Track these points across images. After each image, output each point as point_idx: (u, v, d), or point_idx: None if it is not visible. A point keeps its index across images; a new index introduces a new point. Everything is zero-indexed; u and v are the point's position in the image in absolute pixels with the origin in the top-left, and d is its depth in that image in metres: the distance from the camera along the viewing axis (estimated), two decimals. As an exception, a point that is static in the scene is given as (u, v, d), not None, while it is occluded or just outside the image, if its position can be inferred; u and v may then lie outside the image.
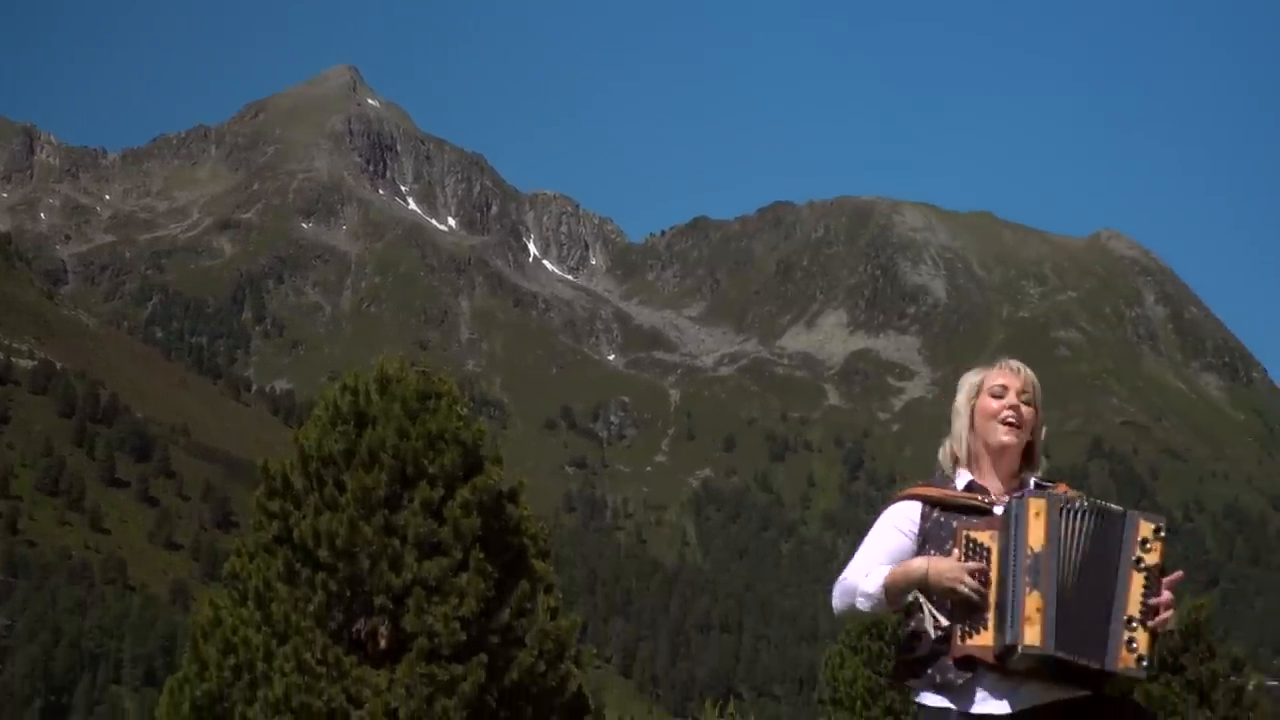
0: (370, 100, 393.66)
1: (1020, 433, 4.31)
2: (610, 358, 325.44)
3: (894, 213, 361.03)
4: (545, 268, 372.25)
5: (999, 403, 4.31)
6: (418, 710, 12.34)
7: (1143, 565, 4.04)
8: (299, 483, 13.12)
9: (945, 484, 4.36)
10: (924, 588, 4.15)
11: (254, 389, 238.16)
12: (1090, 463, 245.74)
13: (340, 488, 12.97)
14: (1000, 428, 4.30)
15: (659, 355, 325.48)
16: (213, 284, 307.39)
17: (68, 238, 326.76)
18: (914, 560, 4.19)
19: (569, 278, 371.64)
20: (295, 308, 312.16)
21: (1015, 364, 4.39)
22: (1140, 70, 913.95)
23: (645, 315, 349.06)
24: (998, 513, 4.17)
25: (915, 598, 4.20)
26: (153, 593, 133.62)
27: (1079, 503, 4.11)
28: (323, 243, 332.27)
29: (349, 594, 12.78)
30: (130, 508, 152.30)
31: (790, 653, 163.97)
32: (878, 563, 4.25)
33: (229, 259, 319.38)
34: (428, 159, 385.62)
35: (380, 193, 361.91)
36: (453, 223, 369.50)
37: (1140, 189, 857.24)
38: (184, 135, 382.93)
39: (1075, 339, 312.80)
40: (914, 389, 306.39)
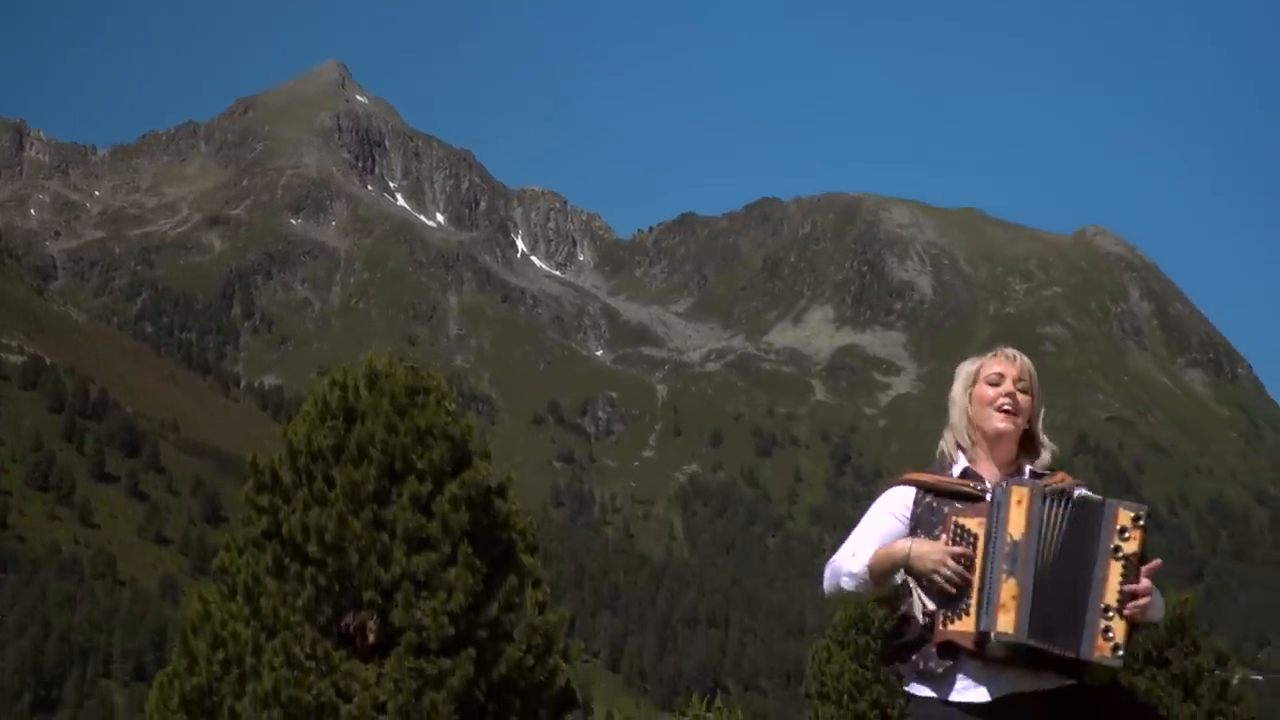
0: (359, 97, 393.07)
1: (1016, 420, 4.32)
2: (598, 353, 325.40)
3: (881, 209, 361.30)
4: (533, 264, 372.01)
5: (995, 390, 4.34)
6: (406, 704, 12.35)
7: (1121, 554, 4.03)
8: (288, 478, 13.13)
9: (942, 471, 4.38)
10: (907, 570, 4.18)
11: (243, 384, 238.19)
12: (1076, 458, 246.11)
13: (329, 483, 12.97)
14: (996, 415, 4.31)
15: (646, 351, 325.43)
16: (202, 280, 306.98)
17: (57, 234, 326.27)
18: (898, 542, 4.22)
19: (557, 274, 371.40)
20: (284, 303, 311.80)
21: (1012, 352, 4.42)
22: (1126, 68, 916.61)
23: (633, 311, 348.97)
24: (989, 500, 4.18)
25: (905, 580, 4.23)
26: (142, 587, 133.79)
27: (1061, 491, 4.10)
28: (311, 239, 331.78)
29: (338, 588, 12.77)
30: (120, 503, 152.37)
31: (777, 647, 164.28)
32: (867, 545, 4.28)
33: (218, 255, 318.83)
34: (416, 155, 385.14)
35: (369, 189, 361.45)
36: (441, 219, 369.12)
37: (1126, 186, 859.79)
38: (173, 132, 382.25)
39: (1061, 335, 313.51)
40: (900, 384, 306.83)
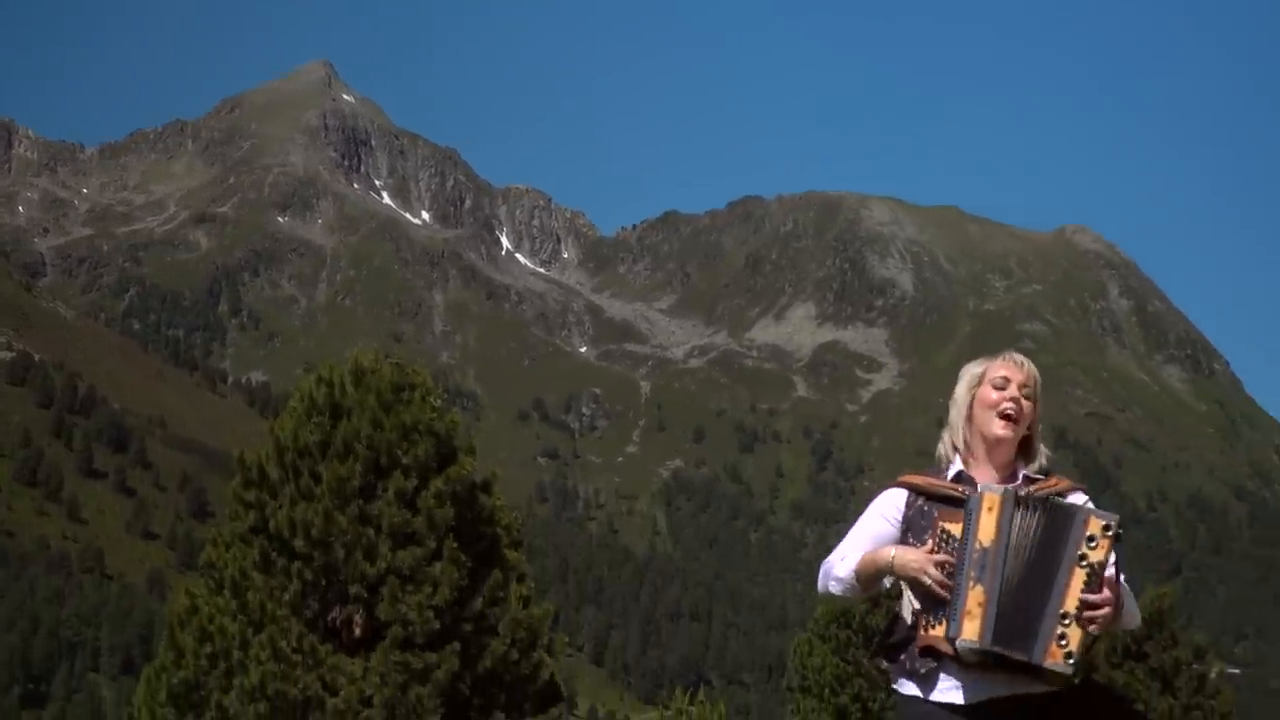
0: (345, 96, 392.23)
1: (1017, 426, 4.31)
2: (582, 350, 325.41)
3: (862, 207, 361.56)
4: (518, 261, 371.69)
5: (999, 394, 4.32)
6: (392, 698, 12.43)
7: (1086, 562, 4.00)
8: (274, 473, 13.19)
9: (938, 473, 4.36)
10: (893, 575, 4.18)
11: (230, 381, 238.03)
12: (1055, 453, 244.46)
13: (315, 478, 13.03)
14: (997, 420, 4.29)
15: (630, 347, 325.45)
16: (189, 277, 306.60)
17: (46, 231, 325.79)
18: (883, 549, 4.20)
19: (541, 271, 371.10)
20: (271, 300, 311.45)
21: (1019, 357, 4.42)
22: (1106, 68, 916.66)
23: (616, 308, 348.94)
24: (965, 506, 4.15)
25: (898, 583, 4.22)
26: (130, 582, 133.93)
27: (1037, 497, 4.10)
28: (298, 236, 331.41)
29: (324, 583, 12.84)
30: (108, 498, 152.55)
31: (759, 641, 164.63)
32: (858, 548, 4.27)
33: (205, 252, 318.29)
34: (402, 154, 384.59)
35: (355, 187, 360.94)
36: (426, 216, 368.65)
37: (1105, 184, 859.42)
38: (161, 130, 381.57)
39: (1040, 331, 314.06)
40: (881, 380, 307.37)
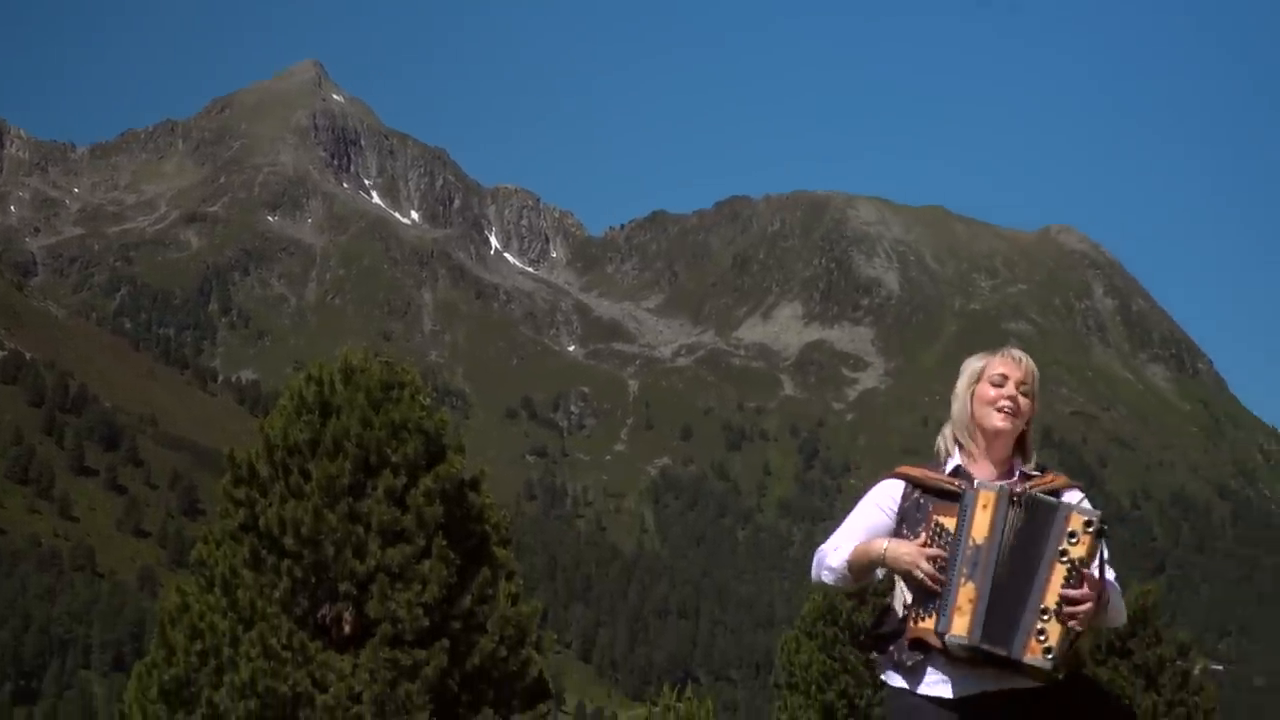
0: (335, 95, 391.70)
1: (1015, 421, 4.40)
2: (570, 349, 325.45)
3: (848, 207, 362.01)
4: (506, 260, 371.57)
5: (998, 390, 4.40)
6: (381, 694, 12.49)
7: (1067, 557, 4.05)
8: (265, 471, 13.23)
9: (936, 467, 4.44)
10: (883, 568, 4.25)
11: (220, 379, 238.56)
12: (1040, 452, 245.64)
13: (305, 476, 13.09)
14: (996, 414, 4.38)
15: (618, 346, 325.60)
16: (180, 276, 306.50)
17: (37, 230, 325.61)
18: (875, 541, 4.27)
19: (530, 270, 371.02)
20: (261, 299, 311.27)
21: (1018, 354, 4.49)
22: (1092, 68, 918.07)
23: (604, 307, 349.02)
24: (959, 502, 4.21)
25: (890, 575, 4.27)
26: (121, 579, 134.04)
27: (1027, 495, 4.17)
28: (288, 236, 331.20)
29: (314, 580, 12.89)
30: (99, 496, 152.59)
31: (746, 638, 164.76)
32: (852, 538, 4.34)
33: (196, 251, 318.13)
34: (391, 153, 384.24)
35: (344, 187, 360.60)
36: (416, 216, 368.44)
37: (1090, 184, 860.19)
38: (151, 130, 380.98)
39: (1025, 330, 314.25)
40: (868, 379, 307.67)
